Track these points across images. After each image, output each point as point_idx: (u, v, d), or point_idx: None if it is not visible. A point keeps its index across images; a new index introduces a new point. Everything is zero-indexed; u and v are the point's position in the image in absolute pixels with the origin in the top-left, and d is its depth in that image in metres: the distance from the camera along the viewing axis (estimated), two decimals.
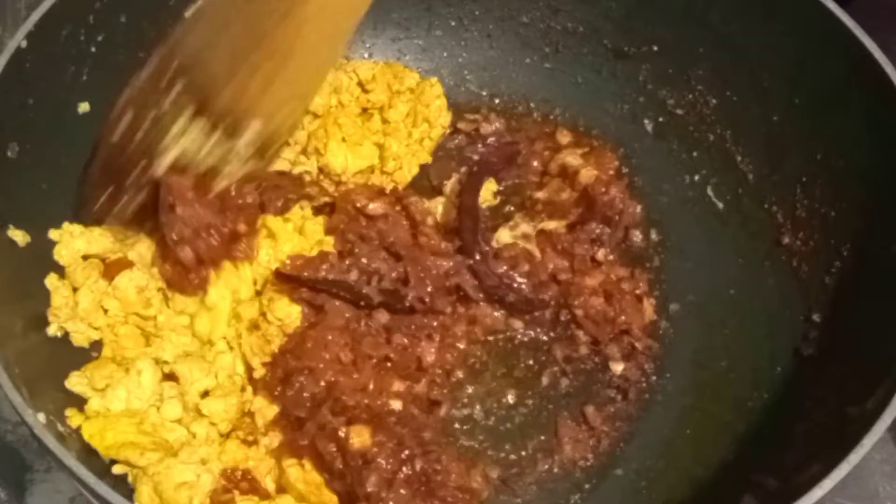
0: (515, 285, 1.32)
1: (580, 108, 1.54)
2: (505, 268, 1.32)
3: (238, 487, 1.15)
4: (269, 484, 1.18)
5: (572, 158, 1.45)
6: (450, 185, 1.46)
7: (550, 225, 1.39)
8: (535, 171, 1.47)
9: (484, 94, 1.57)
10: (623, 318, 1.33)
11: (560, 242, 1.37)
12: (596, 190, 1.40)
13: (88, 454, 1.10)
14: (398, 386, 1.25)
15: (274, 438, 1.20)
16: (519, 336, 1.35)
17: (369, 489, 1.13)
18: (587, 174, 1.42)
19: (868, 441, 0.97)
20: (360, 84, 1.49)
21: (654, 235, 1.44)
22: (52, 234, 1.25)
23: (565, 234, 1.37)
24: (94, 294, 1.23)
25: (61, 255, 1.25)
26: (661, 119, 1.49)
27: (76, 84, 1.26)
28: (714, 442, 1.25)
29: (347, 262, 1.28)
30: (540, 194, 1.44)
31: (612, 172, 1.44)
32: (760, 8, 1.31)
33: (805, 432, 1.15)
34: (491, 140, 1.51)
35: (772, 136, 1.36)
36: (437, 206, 1.42)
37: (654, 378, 1.33)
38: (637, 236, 1.43)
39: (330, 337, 1.23)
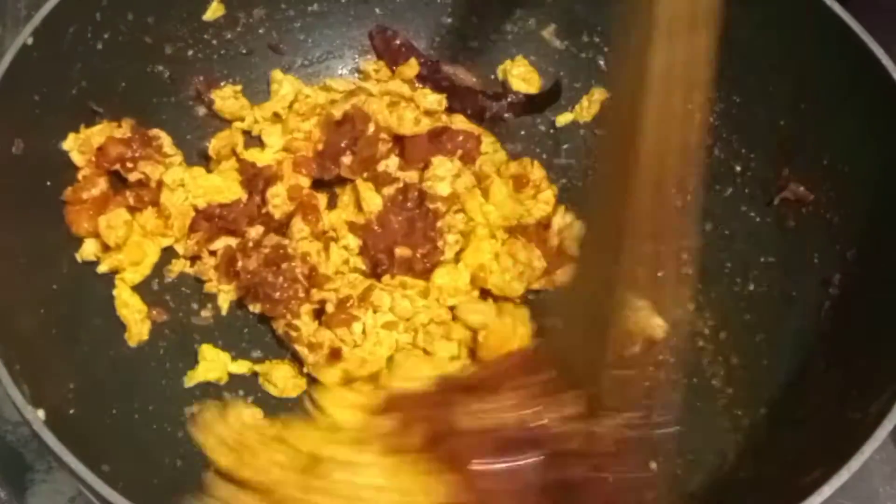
0: None
1: None
2: None
3: None
4: None
5: None
6: None
7: None
8: None
9: None
10: None
11: None
12: None
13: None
14: None
15: None
16: None
17: None
18: None
19: (869, 447, 0.96)
20: None
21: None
22: None
23: None
24: None
25: None
26: None
27: (82, 82, 1.27)
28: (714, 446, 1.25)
29: None
30: None
31: None
32: (768, 12, 1.30)
33: (806, 438, 1.14)
34: None
35: (778, 140, 1.35)
36: None
37: None
38: None
39: None
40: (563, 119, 1.52)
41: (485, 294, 1.34)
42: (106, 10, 1.26)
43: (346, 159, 1.38)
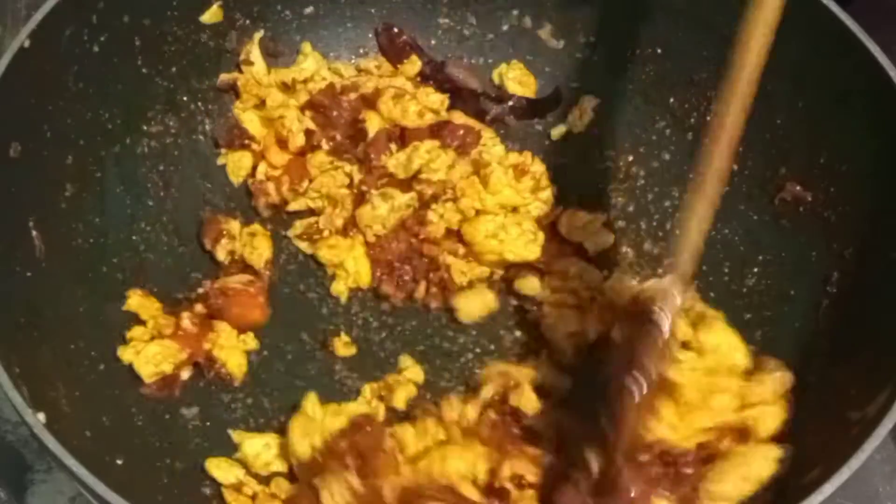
0: None
1: None
2: None
3: None
4: None
5: None
6: None
7: None
8: None
9: None
10: None
11: None
12: None
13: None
14: None
15: None
16: None
17: None
18: None
19: (869, 446, 0.96)
20: None
21: (651, 245, 1.45)
22: None
23: None
24: None
25: None
26: (664, 122, 1.49)
27: (79, 84, 1.26)
28: None
29: None
30: None
31: None
32: None
33: (805, 437, 1.14)
34: None
35: (775, 138, 1.35)
36: None
37: None
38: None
39: None
40: (556, 132, 1.53)
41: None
42: (102, 13, 1.25)
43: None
